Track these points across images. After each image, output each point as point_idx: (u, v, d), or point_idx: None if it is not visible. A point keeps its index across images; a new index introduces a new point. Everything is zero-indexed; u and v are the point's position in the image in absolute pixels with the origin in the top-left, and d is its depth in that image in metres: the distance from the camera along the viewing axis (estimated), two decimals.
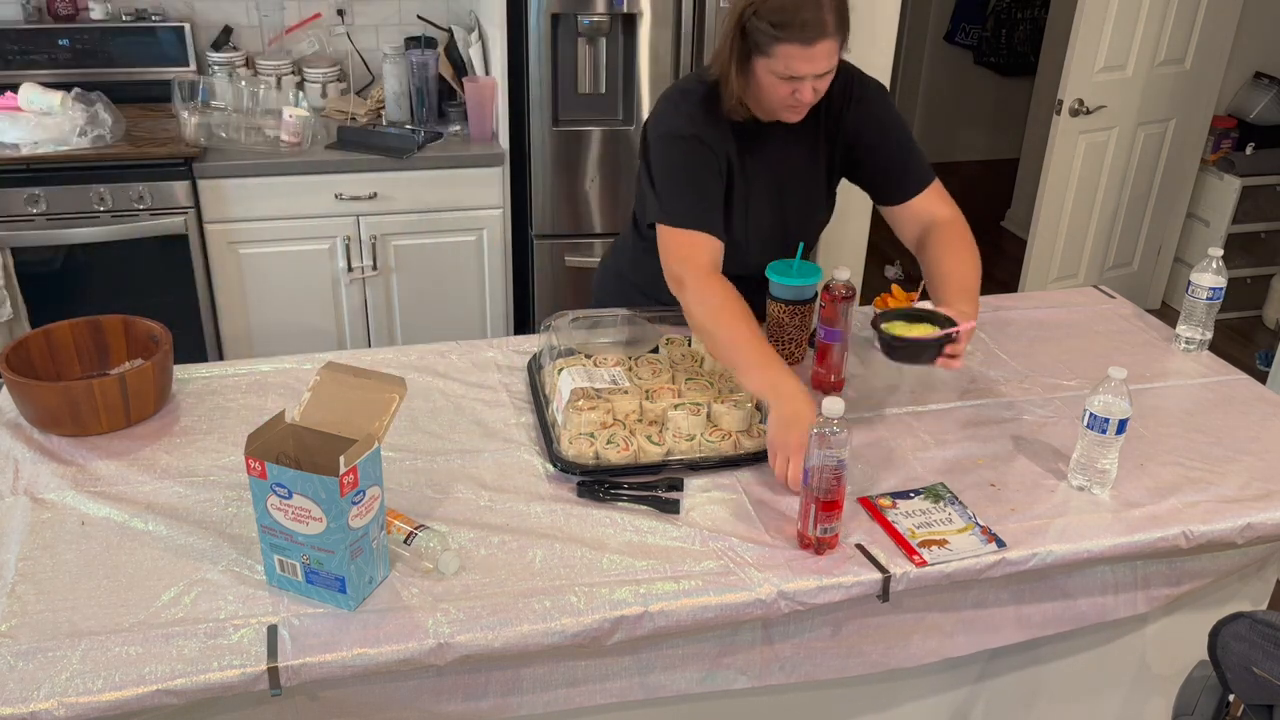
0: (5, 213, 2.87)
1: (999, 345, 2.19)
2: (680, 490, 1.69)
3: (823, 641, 1.61)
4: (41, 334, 1.86)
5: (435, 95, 3.32)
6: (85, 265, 2.99)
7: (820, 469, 1.50)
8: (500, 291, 3.34)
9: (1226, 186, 4.36)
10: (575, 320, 2.04)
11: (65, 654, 1.33)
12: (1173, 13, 3.89)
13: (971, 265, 1.90)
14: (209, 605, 1.42)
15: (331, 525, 1.36)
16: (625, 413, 1.79)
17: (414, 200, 3.14)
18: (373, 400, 1.45)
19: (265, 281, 3.14)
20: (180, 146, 2.97)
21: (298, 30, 3.44)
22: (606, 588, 1.48)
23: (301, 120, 3.06)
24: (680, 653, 1.56)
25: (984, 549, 1.58)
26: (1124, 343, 2.22)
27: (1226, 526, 1.67)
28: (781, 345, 2.06)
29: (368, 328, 3.29)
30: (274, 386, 1.95)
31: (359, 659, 1.36)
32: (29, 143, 2.86)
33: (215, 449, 1.76)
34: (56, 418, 1.75)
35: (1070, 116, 3.81)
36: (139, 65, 3.29)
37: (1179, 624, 1.90)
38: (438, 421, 1.86)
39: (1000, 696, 1.88)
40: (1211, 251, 2.10)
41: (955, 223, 1.96)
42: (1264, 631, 1.37)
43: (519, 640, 1.41)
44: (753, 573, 1.52)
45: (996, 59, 6.00)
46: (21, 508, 1.60)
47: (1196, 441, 1.87)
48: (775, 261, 2.04)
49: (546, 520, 1.62)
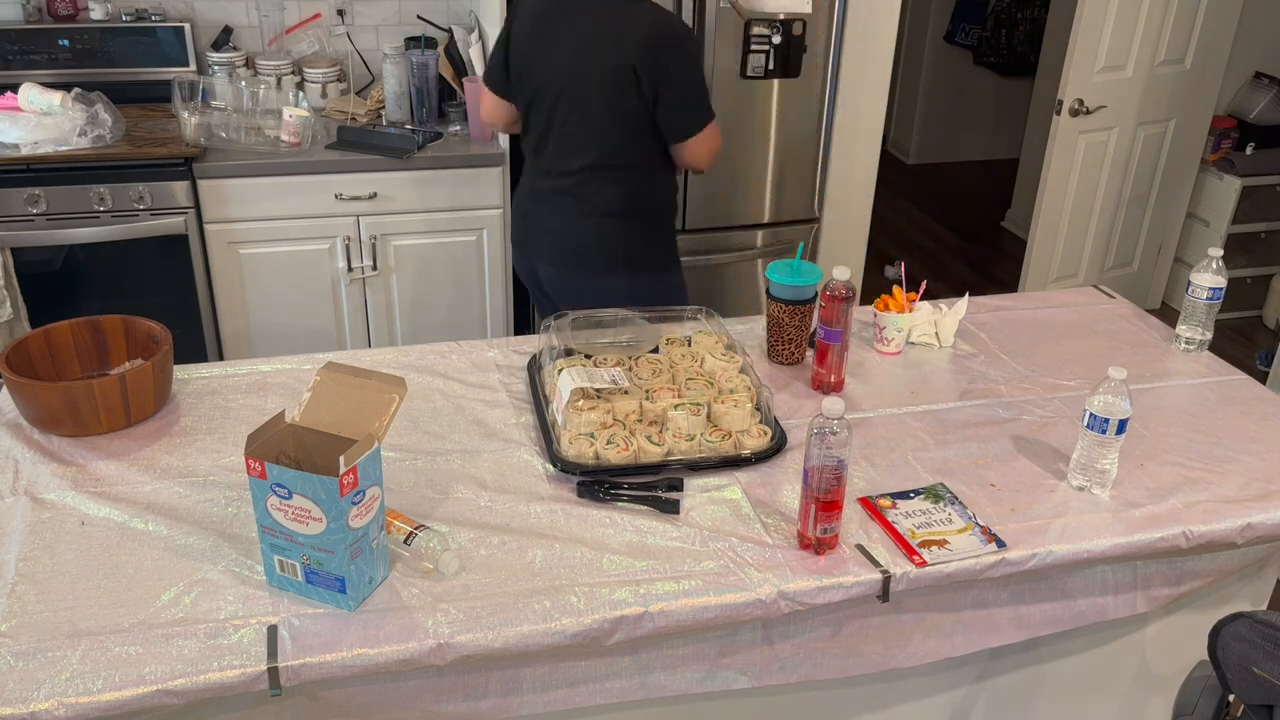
0: (5, 213, 2.87)
1: (999, 345, 2.19)
2: (680, 490, 1.69)
3: (823, 641, 1.61)
4: (41, 334, 1.86)
5: (435, 95, 3.32)
6: (85, 265, 2.99)
7: (820, 469, 1.50)
8: (500, 291, 3.34)
9: (1226, 186, 4.36)
10: (575, 320, 2.04)
11: (65, 654, 1.33)
12: (1173, 13, 3.89)
13: None
14: (209, 605, 1.42)
15: (331, 525, 1.36)
16: (625, 413, 1.79)
17: (414, 200, 3.14)
18: (373, 400, 1.45)
19: (265, 281, 3.14)
20: (180, 146, 2.97)
21: (298, 30, 3.44)
22: (606, 588, 1.48)
23: (301, 120, 3.06)
24: (680, 653, 1.56)
25: (984, 549, 1.58)
26: (1124, 343, 2.22)
27: (1226, 526, 1.67)
28: (781, 345, 2.06)
29: (368, 328, 3.29)
30: (274, 386, 1.95)
31: (359, 659, 1.36)
32: (29, 143, 2.86)
33: (215, 449, 1.76)
34: (56, 418, 1.75)
35: (1070, 116, 3.81)
36: (139, 65, 3.29)
37: (1179, 624, 1.90)
38: (438, 421, 1.86)
39: (1000, 696, 1.88)
40: (1211, 251, 2.10)
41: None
42: (1264, 631, 1.37)
43: (519, 640, 1.41)
44: (753, 573, 1.52)
45: (996, 59, 6.00)
46: (21, 508, 1.60)
47: (1196, 441, 1.87)
48: (775, 262, 2.04)
49: (546, 520, 1.62)
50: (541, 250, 2.44)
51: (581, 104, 2.25)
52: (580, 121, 2.27)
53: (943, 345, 2.17)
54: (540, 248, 2.44)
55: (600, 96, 2.23)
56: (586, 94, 2.24)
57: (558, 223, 2.38)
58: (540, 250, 2.44)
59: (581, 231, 2.36)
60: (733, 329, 2.16)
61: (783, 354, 2.07)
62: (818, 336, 1.96)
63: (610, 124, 2.26)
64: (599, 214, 2.33)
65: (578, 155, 2.30)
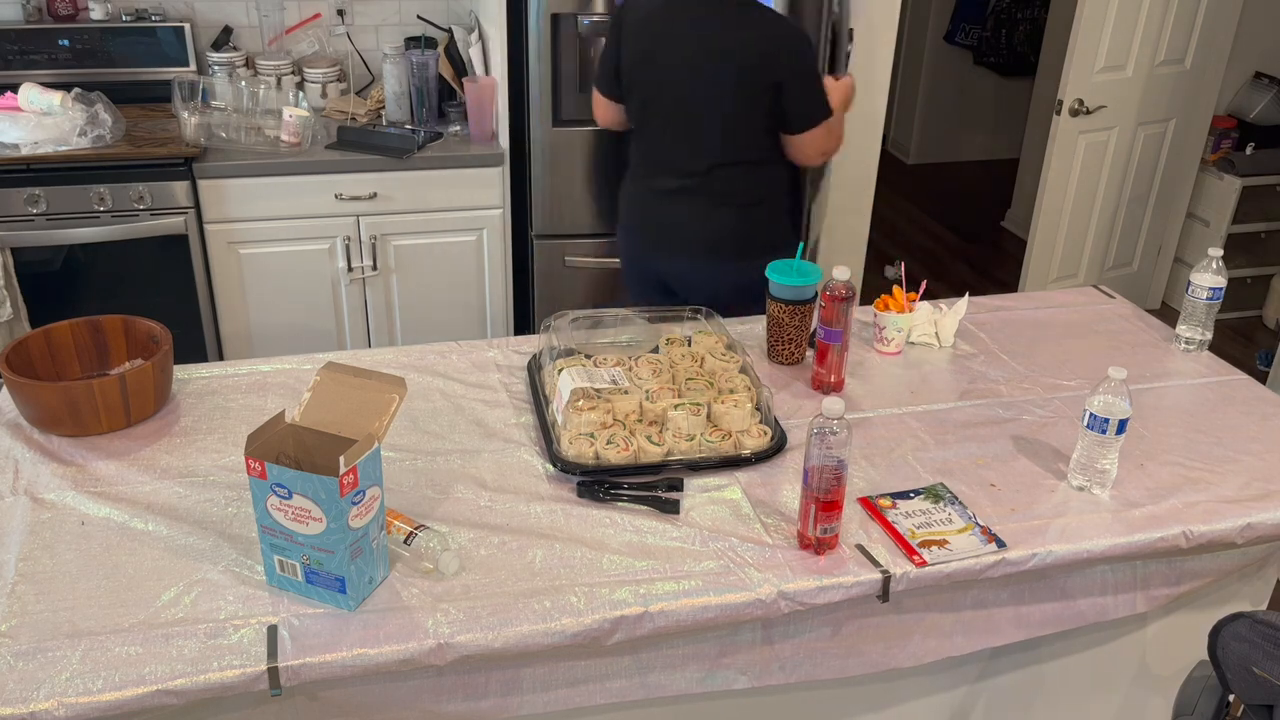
0: (5, 213, 2.87)
1: (999, 345, 2.19)
2: (680, 490, 1.69)
3: (823, 641, 1.61)
4: (41, 334, 1.86)
5: (435, 95, 3.32)
6: (85, 265, 2.99)
7: (820, 469, 1.50)
8: (500, 291, 3.34)
9: (1226, 186, 4.36)
10: (575, 320, 2.05)
11: (65, 654, 1.33)
12: (1173, 13, 3.89)
13: None
14: (209, 605, 1.42)
15: (331, 525, 1.36)
16: (625, 413, 1.79)
17: (414, 200, 3.14)
18: (373, 400, 1.45)
19: (265, 281, 3.14)
20: (180, 146, 2.97)
21: (298, 30, 3.44)
22: (606, 588, 1.48)
23: (301, 120, 3.06)
24: (680, 653, 1.56)
25: (984, 549, 1.58)
26: (1124, 343, 2.22)
27: (1226, 526, 1.67)
28: (781, 345, 2.06)
29: (368, 328, 3.29)
30: (274, 386, 1.95)
31: (359, 659, 1.36)
32: (29, 143, 2.86)
33: (215, 449, 1.76)
34: (56, 418, 1.75)
35: (1070, 116, 3.81)
36: (139, 65, 3.29)
37: (1179, 624, 1.90)
38: (438, 421, 1.86)
39: (1000, 696, 1.88)
40: (1211, 251, 2.10)
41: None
42: (1264, 631, 1.37)
43: (519, 640, 1.41)
44: (753, 573, 1.52)
45: (996, 59, 6.00)
46: (21, 508, 1.60)
47: (1196, 441, 1.87)
48: (775, 261, 2.04)
49: (546, 520, 1.62)
50: (672, 246, 2.50)
51: (704, 104, 2.34)
52: (704, 121, 2.36)
53: (943, 345, 2.17)
54: (670, 244, 2.50)
55: (723, 96, 2.31)
56: (709, 94, 2.32)
57: (687, 216, 2.45)
58: (670, 246, 2.50)
59: (715, 222, 2.44)
60: (733, 329, 2.16)
61: (783, 354, 2.07)
62: (818, 336, 1.96)
63: (734, 123, 2.34)
64: (732, 205, 2.42)
65: (704, 154, 2.39)
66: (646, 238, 2.55)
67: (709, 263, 2.46)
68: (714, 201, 2.42)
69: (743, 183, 2.41)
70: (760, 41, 2.28)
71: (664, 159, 2.45)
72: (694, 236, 2.46)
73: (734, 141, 2.37)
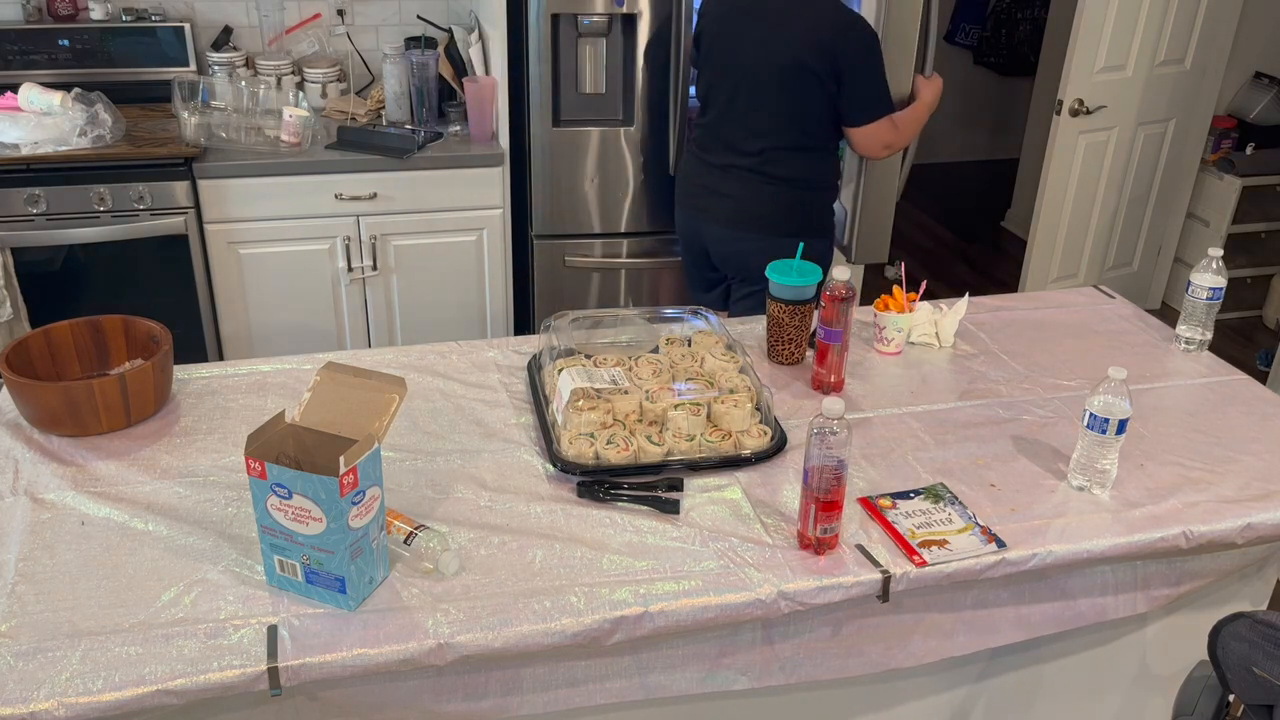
0: (5, 213, 2.87)
1: (999, 345, 2.19)
2: (680, 490, 1.69)
3: (823, 641, 1.61)
4: (41, 334, 1.86)
5: (435, 95, 3.32)
6: (85, 265, 2.99)
7: (820, 469, 1.50)
8: (500, 291, 3.34)
9: (1226, 186, 4.36)
10: (575, 320, 2.04)
11: (65, 654, 1.33)
12: (1173, 13, 3.89)
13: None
14: (209, 605, 1.42)
15: (331, 525, 1.36)
16: (625, 413, 1.79)
17: (414, 200, 3.14)
18: (373, 400, 1.45)
19: (265, 281, 3.14)
20: (180, 146, 2.97)
21: (298, 30, 3.44)
22: (606, 588, 1.48)
23: (301, 120, 3.06)
24: (680, 653, 1.56)
25: (984, 549, 1.58)
26: (1124, 343, 2.22)
27: (1226, 526, 1.67)
28: (781, 345, 2.06)
29: (368, 328, 3.29)
30: (274, 386, 1.95)
31: (359, 659, 1.36)
32: (29, 143, 2.86)
33: (215, 449, 1.76)
34: (56, 418, 1.75)
35: (1070, 116, 3.81)
36: (139, 65, 3.29)
37: (1179, 624, 1.90)
38: (438, 421, 1.86)
39: (1000, 696, 1.88)
40: (1211, 251, 2.10)
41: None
42: (1264, 631, 1.37)
43: (519, 640, 1.41)
44: (753, 573, 1.52)
45: (996, 59, 6.00)
46: (21, 508, 1.60)
47: (1196, 441, 1.87)
48: (775, 261, 2.04)
49: (546, 520, 1.62)
50: (718, 214, 2.63)
51: (765, 89, 2.43)
52: (764, 105, 2.45)
53: (943, 345, 2.17)
54: (715, 213, 2.63)
55: (785, 83, 2.40)
56: (772, 80, 2.41)
57: (737, 189, 2.56)
58: (715, 214, 2.63)
59: (761, 197, 2.54)
60: (733, 329, 2.16)
61: (783, 354, 2.07)
62: (818, 336, 1.96)
63: (793, 109, 2.43)
64: (780, 183, 2.52)
65: (760, 137, 2.48)
66: (690, 204, 2.68)
67: (746, 234, 2.55)
68: (763, 180, 2.51)
69: (792, 165, 2.50)
70: (823, 27, 2.35)
71: (721, 136, 2.56)
72: (737, 208, 2.56)
73: (789, 128, 2.44)
